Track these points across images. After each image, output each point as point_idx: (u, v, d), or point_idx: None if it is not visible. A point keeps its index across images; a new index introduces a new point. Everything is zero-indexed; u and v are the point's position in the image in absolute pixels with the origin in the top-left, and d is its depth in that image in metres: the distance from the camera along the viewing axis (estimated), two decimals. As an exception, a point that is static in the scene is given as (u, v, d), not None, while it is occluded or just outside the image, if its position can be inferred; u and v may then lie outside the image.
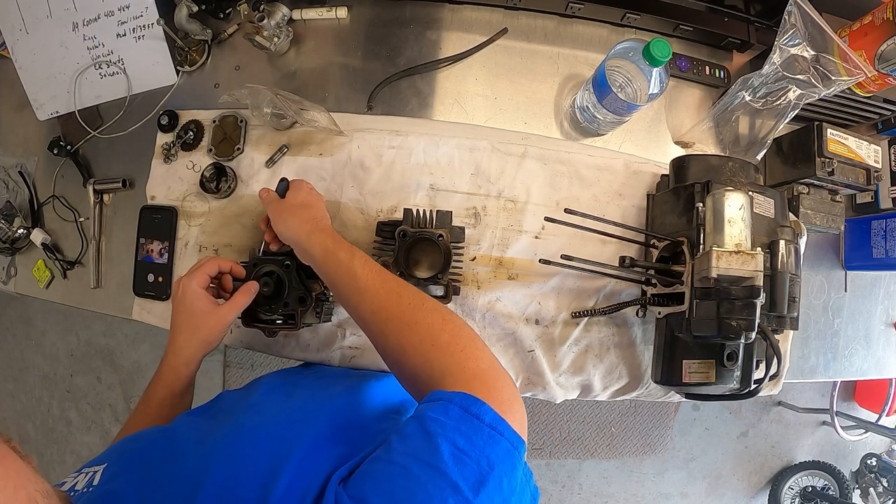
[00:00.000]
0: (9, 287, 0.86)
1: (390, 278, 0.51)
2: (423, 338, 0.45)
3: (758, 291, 0.53)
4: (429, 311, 0.47)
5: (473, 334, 0.46)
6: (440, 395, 0.39)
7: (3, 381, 2.06)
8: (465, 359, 0.42)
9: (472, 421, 0.36)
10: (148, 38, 0.79)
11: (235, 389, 0.57)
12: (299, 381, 0.58)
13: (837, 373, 0.84)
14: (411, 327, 0.46)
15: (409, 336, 0.46)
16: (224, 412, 0.49)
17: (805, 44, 0.64)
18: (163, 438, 0.43)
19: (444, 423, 0.36)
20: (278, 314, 0.65)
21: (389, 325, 0.48)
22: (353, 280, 0.51)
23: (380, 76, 0.77)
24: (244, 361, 1.89)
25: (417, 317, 0.47)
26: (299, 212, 0.60)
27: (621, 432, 1.97)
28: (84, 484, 0.39)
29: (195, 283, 0.58)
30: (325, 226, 0.59)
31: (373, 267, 0.52)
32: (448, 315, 0.47)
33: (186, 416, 0.51)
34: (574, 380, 0.73)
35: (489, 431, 0.36)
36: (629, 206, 0.74)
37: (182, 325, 0.59)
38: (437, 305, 0.48)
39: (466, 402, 0.37)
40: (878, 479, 1.94)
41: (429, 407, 0.38)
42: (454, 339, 0.44)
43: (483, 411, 0.37)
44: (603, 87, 0.67)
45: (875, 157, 0.75)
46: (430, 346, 0.44)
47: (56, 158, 0.82)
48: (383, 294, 0.49)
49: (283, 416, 0.45)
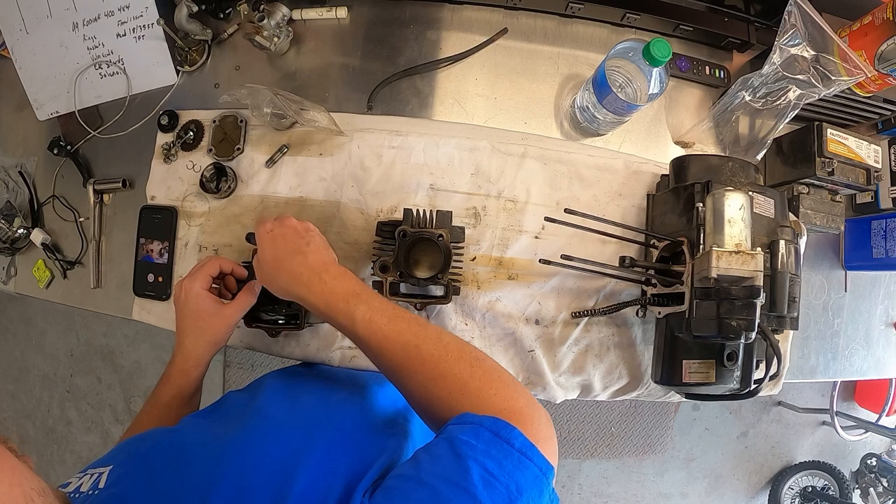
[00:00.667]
0: (9, 287, 0.86)
1: (404, 329, 0.47)
2: (452, 390, 0.43)
3: (758, 291, 0.53)
4: (454, 360, 0.44)
5: (506, 375, 0.44)
6: (471, 417, 0.39)
7: (3, 381, 2.06)
8: (499, 401, 0.41)
9: (502, 445, 0.36)
10: (148, 38, 0.79)
11: (239, 390, 0.57)
12: (303, 384, 0.58)
13: (837, 373, 0.84)
14: (436, 381, 0.44)
15: (434, 390, 0.44)
16: (230, 416, 0.48)
17: (805, 44, 0.64)
18: (169, 440, 0.43)
19: (475, 446, 0.35)
20: (281, 314, 0.65)
21: (412, 382, 0.46)
22: (363, 343, 0.48)
23: (380, 76, 0.77)
24: (244, 361, 1.89)
25: (442, 368, 0.44)
26: (275, 276, 0.53)
27: (621, 432, 1.97)
28: (89, 486, 0.38)
29: (197, 284, 0.58)
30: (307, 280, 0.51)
31: (379, 322, 0.47)
32: (475, 358, 0.45)
33: (192, 417, 0.50)
34: (574, 380, 0.73)
35: (519, 456, 0.36)
36: (629, 206, 0.74)
37: (189, 328, 0.58)
38: (461, 350, 0.45)
39: (497, 427, 0.37)
40: (878, 479, 1.95)
41: (460, 429, 0.38)
42: (485, 385, 0.43)
43: (514, 436, 0.37)
44: (603, 87, 0.67)
45: (875, 157, 0.75)
46: (460, 396, 0.42)
47: (56, 158, 0.82)
48: (400, 350, 0.46)
49: (292, 421, 0.44)
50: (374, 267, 0.65)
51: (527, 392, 0.43)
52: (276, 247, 0.54)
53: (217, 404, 0.53)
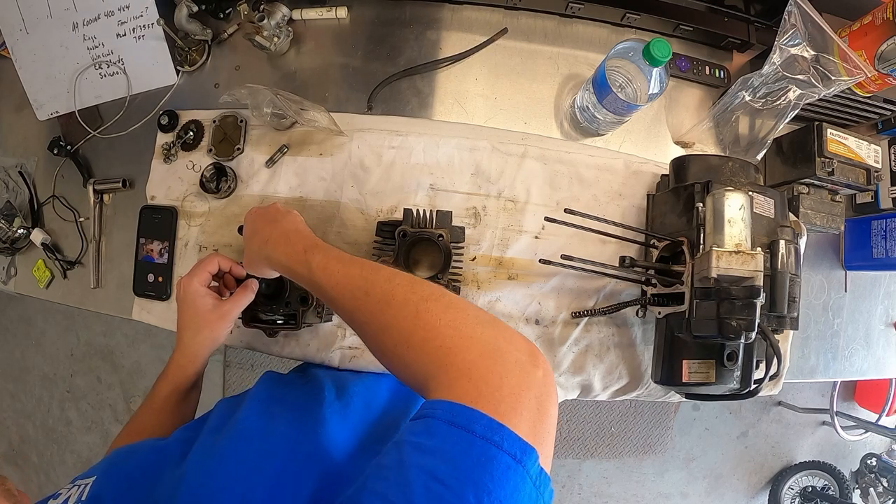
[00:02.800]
0: (9, 287, 0.86)
1: (356, 273, 0.43)
2: (397, 342, 0.37)
3: (758, 291, 0.53)
4: (399, 304, 0.38)
5: (462, 313, 0.36)
6: (425, 408, 0.32)
7: (3, 381, 2.06)
8: (447, 354, 0.34)
9: (459, 436, 0.29)
10: (148, 38, 0.79)
11: (229, 399, 0.55)
12: (286, 398, 0.55)
13: (837, 373, 0.84)
14: (385, 332, 0.39)
15: (383, 340, 0.39)
16: (209, 431, 0.47)
17: (805, 44, 0.64)
18: (153, 455, 0.43)
19: (423, 447, 0.29)
20: (279, 314, 0.65)
21: (365, 331, 0.41)
22: (320, 290, 0.45)
23: (380, 76, 0.77)
24: (244, 361, 1.89)
25: (388, 316, 0.38)
26: (251, 245, 0.55)
27: (621, 432, 1.97)
28: (75, 499, 0.39)
29: (196, 281, 0.59)
30: (274, 240, 0.52)
31: (334, 268, 0.44)
32: (423, 298, 0.38)
33: (182, 430, 0.50)
34: (574, 380, 0.73)
35: (482, 445, 0.28)
36: (629, 206, 0.74)
37: (187, 324, 0.59)
38: (410, 291, 0.39)
39: (452, 413, 0.30)
40: (878, 479, 1.95)
41: (411, 428, 0.31)
42: (431, 334, 0.35)
43: (473, 419, 0.29)
44: (603, 87, 0.67)
45: (875, 157, 0.75)
46: (406, 350, 0.36)
47: (56, 158, 0.82)
48: (350, 297, 0.42)
49: (261, 443, 0.42)
50: (374, 267, 0.65)
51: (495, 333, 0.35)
52: (254, 221, 0.57)
53: (207, 415, 0.52)
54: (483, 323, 0.36)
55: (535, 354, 0.34)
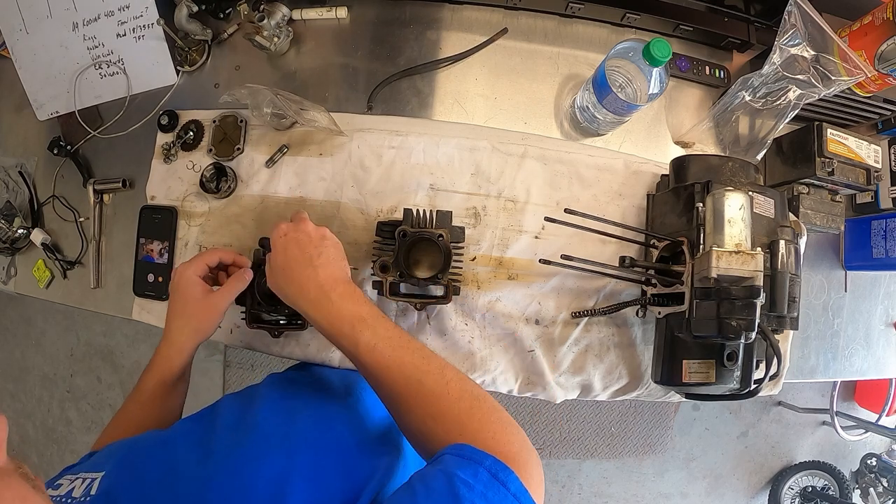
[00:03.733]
0: (9, 287, 0.86)
1: (408, 361, 0.46)
2: (450, 429, 0.43)
3: (758, 291, 0.53)
4: (455, 398, 0.44)
5: (504, 416, 0.44)
6: (471, 452, 0.39)
7: (3, 381, 2.06)
8: (496, 444, 0.41)
9: (498, 488, 0.36)
10: (148, 38, 0.79)
11: (235, 395, 0.56)
12: (299, 395, 0.56)
13: (837, 373, 0.84)
14: (435, 419, 0.44)
15: (433, 427, 0.44)
16: (225, 426, 0.47)
17: (805, 44, 0.64)
18: (163, 451, 0.43)
19: (472, 486, 0.35)
20: (283, 314, 0.65)
21: (410, 415, 0.45)
22: (364, 370, 0.48)
23: (380, 76, 0.77)
24: (244, 361, 1.89)
25: (442, 406, 0.44)
26: (281, 286, 0.53)
27: (621, 432, 1.97)
28: (81, 492, 0.38)
29: (191, 270, 0.58)
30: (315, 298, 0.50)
31: (383, 351, 0.47)
32: (475, 397, 0.45)
33: (186, 423, 0.49)
34: (574, 380, 0.73)
35: (513, 501, 0.36)
36: (629, 206, 0.74)
37: (176, 313, 0.58)
38: (462, 388, 0.45)
39: (496, 468, 0.37)
40: (878, 479, 1.95)
41: (458, 464, 0.37)
42: (484, 426, 0.43)
43: (510, 480, 0.37)
44: (603, 87, 0.67)
45: (875, 157, 0.75)
46: (458, 437, 0.42)
47: (56, 158, 0.82)
48: (401, 382, 0.46)
49: (286, 442, 0.43)
50: (374, 267, 0.65)
51: (522, 434, 0.43)
52: (287, 254, 0.53)
53: (212, 409, 0.52)
54: (514, 424, 0.44)
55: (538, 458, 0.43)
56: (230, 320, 0.73)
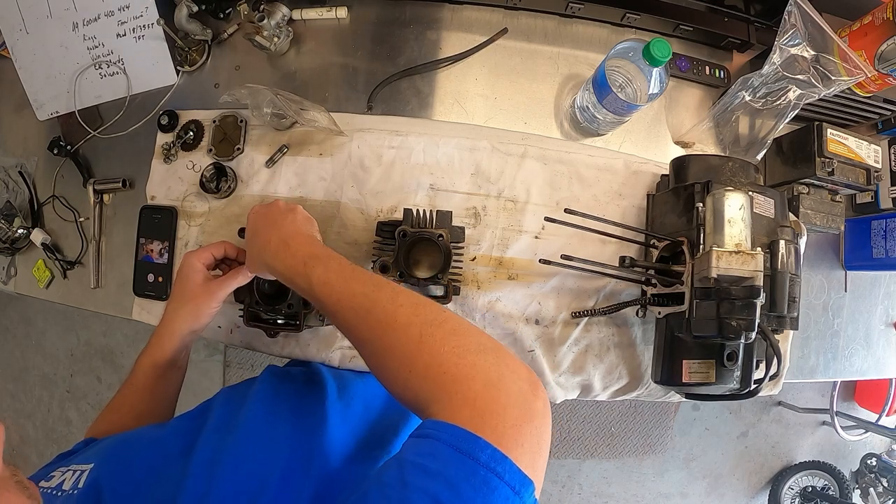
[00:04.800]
0: (9, 287, 0.86)
1: (358, 291, 0.42)
2: (400, 366, 0.37)
3: (758, 291, 0.53)
4: (402, 326, 0.38)
5: (465, 339, 0.37)
6: (429, 428, 0.32)
7: (3, 381, 2.06)
8: (451, 381, 0.34)
9: (463, 462, 0.29)
10: (148, 38, 0.79)
11: (231, 389, 0.55)
12: (291, 395, 0.55)
13: (837, 373, 0.84)
14: (386, 353, 0.39)
15: (384, 361, 0.39)
16: (212, 429, 0.46)
17: (805, 44, 0.64)
18: (152, 448, 0.43)
19: (427, 469, 0.29)
20: (280, 314, 0.65)
21: (364, 349, 0.41)
22: (321, 305, 0.45)
23: (380, 76, 0.77)
24: (244, 361, 1.89)
25: (390, 338, 0.38)
26: (251, 248, 0.55)
27: (621, 432, 1.97)
28: (70, 484, 0.39)
29: (196, 258, 0.60)
30: (274, 247, 0.50)
31: (334, 283, 0.43)
32: (428, 321, 0.38)
33: (180, 421, 0.50)
34: (574, 380, 0.73)
35: (485, 474, 0.29)
36: (629, 206, 0.74)
37: (175, 296, 0.60)
38: (414, 313, 0.39)
39: (457, 438, 0.30)
40: (878, 479, 1.95)
41: (414, 446, 0.32)
42: (434, 360, 0.35)
43: (478, 447, 0.30)
44: (603, 87, 0.67)
45: (875, 157, 0.75)
46: (408, 374, 0.36)
47: (56, 158, 0.82)
48: (352, 314, 0.41)
49: (264, 450, 0.42)
50: (374, 267, 0.65)
51: (497, 361, 0.35)
52: (255, 221, 0.56)
53: (207, 406, 0.52)
54: (486, 350, 0.36)
55: (535, 383, 0.35)
56: (230, 320, 0.73)
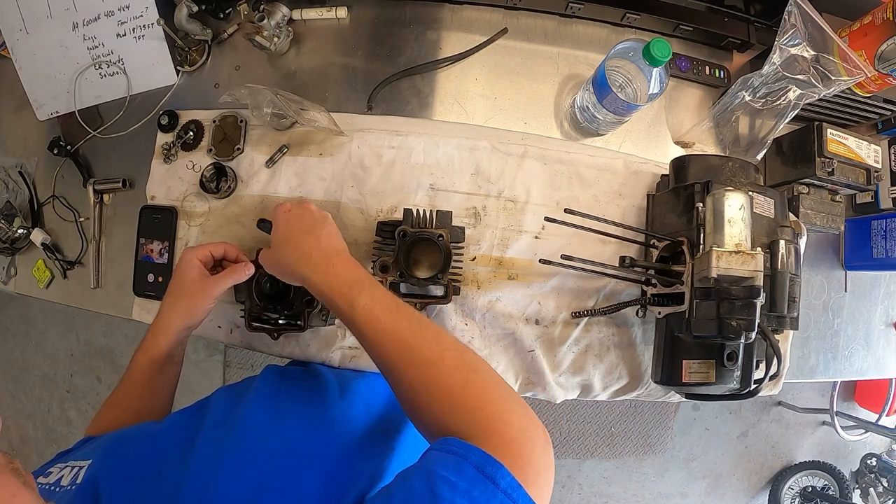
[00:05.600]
0: (9, 287, 0.86)
1: (403, 326, 0.44)
2: (441, 402, 0.40)
3: (758, 291, 0.53)
4: (449, 369, 0.41)
5: (504, 391, 0.41)
6: (455, 446, 0.36)
7: (3, 381, 2.06)
8: (492, 422, 0.38)
9: (486, 485, 0.33)
10: (148, 38, 0.79)
11: (230, 388, 0.56)
12: (291, 394, 0.55)
13: (837, 373, 0.84)
14: (428, 389, 0.41)
15: (424, 397, 0.41)
16: (212, 425, 0.46)
17: (805, 44, 0.64)
18: (150, 444, 0.43)
19: (455, 485, 0.32)
20: (282, 315, 0.65)
21: (403, 383, 0.43)
22: (358, 332, 0.46)
23: (380, 76, 0.77)
24: (244, 361, 1.89)
25: (434, 376, 0.41)
26: (282, 254, 0.54)
27: (621, 432, 1.97)
28: (69, 480, 0.39)
29: (195, 254, 0.60)
30: (315, 261, 0.51)
31: (379, 314, 0.45)
32: (472, 369, 0.41)
33: (178, 416, 0.50)
34: (574, 380, 0.73)
35: (502, 499, 0.33)
36: (629, 206, 0.74)
37: (171, 291, 0.60)
38: (460, 357, 0.42)
39: (483, 462, 0.34)
40: (878, 479, 1.95)
41: (441, 460, 0.35)
42: (478, 403, 0.39)
43: (500, 475, 0.33)
44: (603, 87, 0.67)
45: (875, 157, 0.75)
46: (449, 412, 0.40)
47: (56, 158, 0.82)
48: (394, 348, 0.44)
49: (266, 447, 0.42)
50: (374, 267, 0.65)
51: (525, 414, 0.40)
52: (290, 225, 0.54)
53: (205, 402, 0.52)
54: (515, 400, 0.41)
55: (546, 436, 0.40)
56: (230, 320, 0.73)
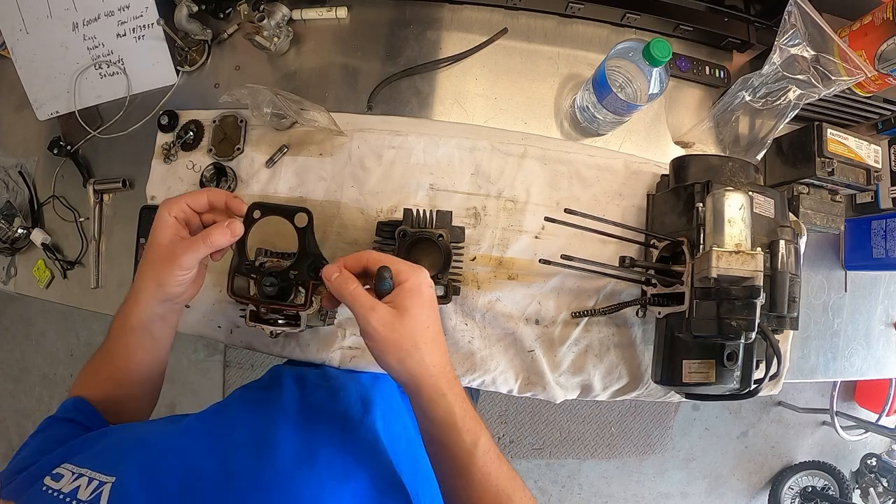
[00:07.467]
0: (9, 287, 0.85)
1: (505, 474, 0.47)
2: None
3: (758, 291, 0.53)
4: None
5: None
6: None
7: (3, 381, 2.06)
8: None
9: None
10: (148, 38, 0.79)
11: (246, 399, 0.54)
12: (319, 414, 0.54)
13: (837, 373, 0.84)
14: None
15: None
16: (244, 445, 0.44)
17: (805, 44, 0.64)
18: (180, 458, 0.41)
19: None
20: (280, 314, 0.65)
21: None
22: (465, 468, 0.46)
23: (380, 76, 0.77)
24: (244, 361, 1.89)
25: None
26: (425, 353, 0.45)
27: (621, 432, 1.98)
28: (88, 496, 0.36)
29: (167, 210, 0.50)
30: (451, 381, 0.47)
31: (493, 459, 0.47)
32: None
33: (196, 425, 0.47)
34: (574, 380, 0.73)
35: None
36: (629, 206, 0.74)
37: (144, 255, 0.52)
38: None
39: None
40: (878, 479, 1.95)
41: None
42: None
43: None
44: (603, 87, 0.67)
45: (875, 157, 0.75)
46: None
47: (56, 158, 0.82)
48: (493, 493, 0.46)
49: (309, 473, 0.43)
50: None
51: None
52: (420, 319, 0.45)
53: (222, 412, 0.50)
54: None
55: None
56: (230, 320, 0.73)
